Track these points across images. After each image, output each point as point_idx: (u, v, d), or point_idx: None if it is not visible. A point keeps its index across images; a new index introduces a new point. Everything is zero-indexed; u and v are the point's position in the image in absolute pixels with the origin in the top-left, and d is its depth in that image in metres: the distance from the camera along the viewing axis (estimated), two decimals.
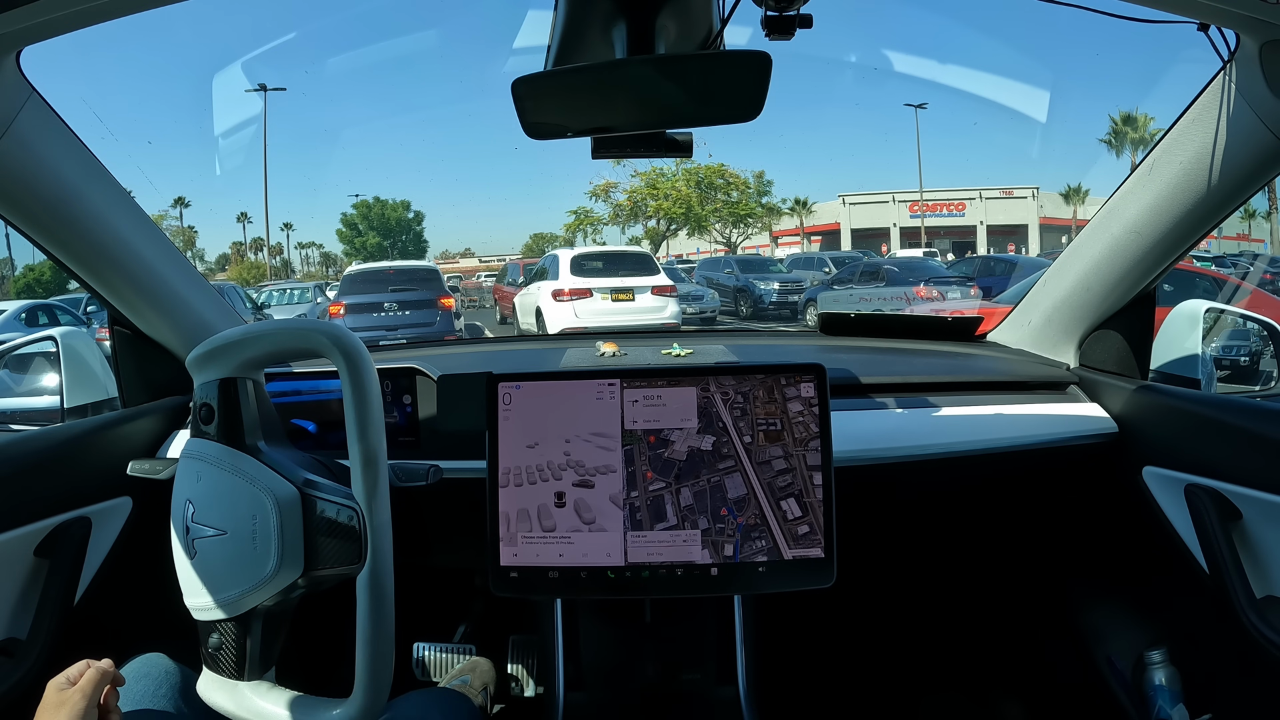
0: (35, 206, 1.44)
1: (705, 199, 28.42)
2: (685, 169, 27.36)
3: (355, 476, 1.06)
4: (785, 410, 1.41)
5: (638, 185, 27.56)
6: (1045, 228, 34.35)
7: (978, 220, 33.93)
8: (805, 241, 34.82)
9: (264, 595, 1.08)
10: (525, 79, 1.19)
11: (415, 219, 37.81)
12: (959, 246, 31.47)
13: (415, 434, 1.75)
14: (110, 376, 1.89)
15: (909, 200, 34.23)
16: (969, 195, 34.25)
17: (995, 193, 34.49)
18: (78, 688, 1.07)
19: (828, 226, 35.47)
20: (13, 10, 1.04)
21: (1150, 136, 32.95)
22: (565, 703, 1.61)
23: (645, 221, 27.85)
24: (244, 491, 1.09)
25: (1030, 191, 34.36)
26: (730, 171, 28.34)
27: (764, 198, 31.57)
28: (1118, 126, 33.06)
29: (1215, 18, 1.23)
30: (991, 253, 27.37)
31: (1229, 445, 1.50)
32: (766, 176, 31.02)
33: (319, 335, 1.09)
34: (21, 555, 1.53)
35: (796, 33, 1.23)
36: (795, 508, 1.38)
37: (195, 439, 1.17)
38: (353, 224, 36.53)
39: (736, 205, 29.24)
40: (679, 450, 1.41)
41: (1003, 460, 1.75)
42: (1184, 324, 1.85)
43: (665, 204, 27.19)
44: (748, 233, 31.75)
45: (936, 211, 34.41)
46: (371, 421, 1.06)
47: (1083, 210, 34.52)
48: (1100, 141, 33.84)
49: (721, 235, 30.84)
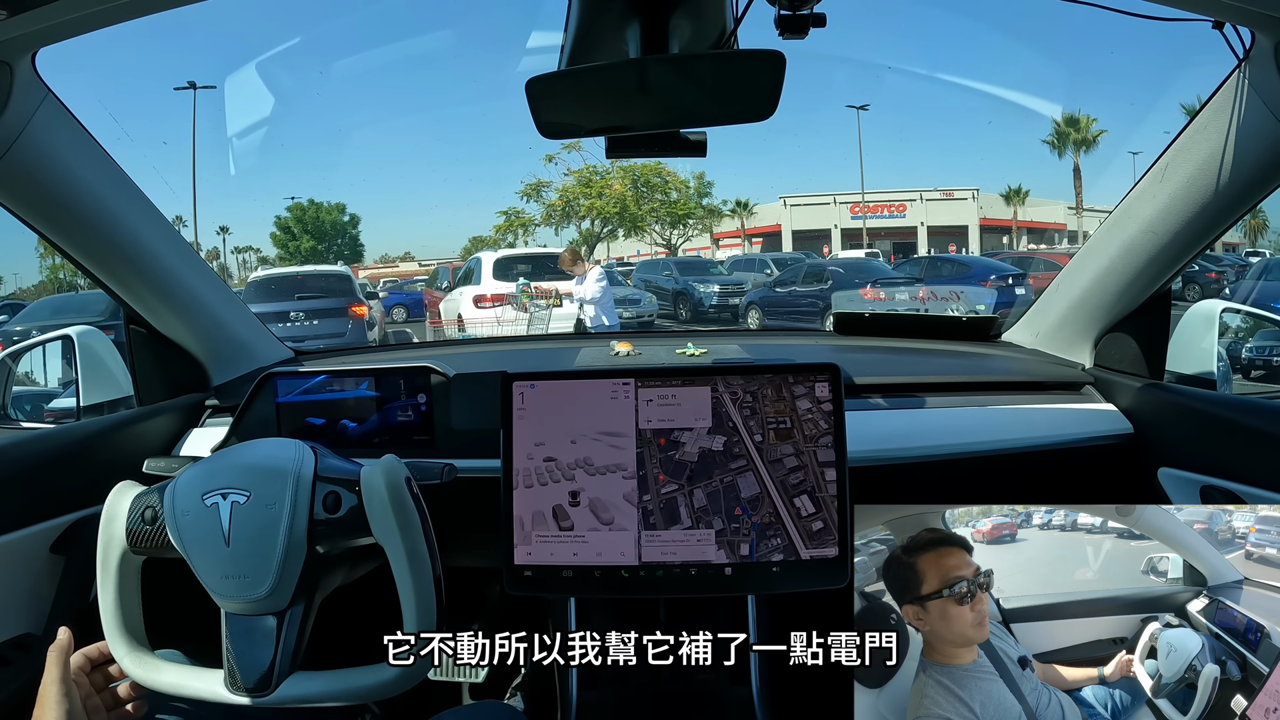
0: (51, 206, 1.45)
1: (642, 199, 27.21)
2: (621, 167, 26.22)
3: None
4: (794, 408, 1.41)
5: (570, 184, 26.30)
6: (985, 228, 34.35)
7: (919, 221, 33.87)
8: (746, 243, 34.57)
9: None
10: (539, 79, 1.19)
11: (351, 222, 36.47)
12: (900, 247, 31.36)
13: (430, 433, 1.75)
14: (126, 375, 1.90)
15: (850, 202, 34.10)
16: (910, 197, 34.21)
17: (936, 194, 34.52)
18: (44, 676, 1.10)
19: (769, 228, 35.23)
20: (28, 12, 1.05)
21: (1093, 138, 33.11)
22: (578, 701, 1.61)
23: (579, 222, 26.62)
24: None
25: (971, 193, 34.38)
26: (668, 170, 26.99)
27: (704, 199, 30.65)
28: (1060, 128, 33.03)
29: (1230, 15, 1.23)
30: (932, 253, 27.11)
31: (1245, 446, 1.49)
32: (707, 178, 30.14)
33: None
34: (37, 552, 1.54)
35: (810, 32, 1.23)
36: (809, 504, 1.38)
37: None
38: (287, 227, 35.21)
39: (675, 205, 27.96)
40: (690, 452, 1.41)
41: (1018, 460, 1.74)
42: (1199, 324, 1.84)
43: (599, 203, 25.92)
44: (688, 234, 30.88)
45: (878, 213, 34.30)
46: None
47: (1023, 211, 34.69)
48: (1043, 143, 33.83)
49: (662, 237, 29.72)
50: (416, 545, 1.19)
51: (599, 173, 25.85)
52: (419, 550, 1.19)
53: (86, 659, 1.18)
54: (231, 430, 1.76)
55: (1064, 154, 33.32)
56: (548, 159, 25.35)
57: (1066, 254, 19.15)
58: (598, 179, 25.97)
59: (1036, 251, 23.55)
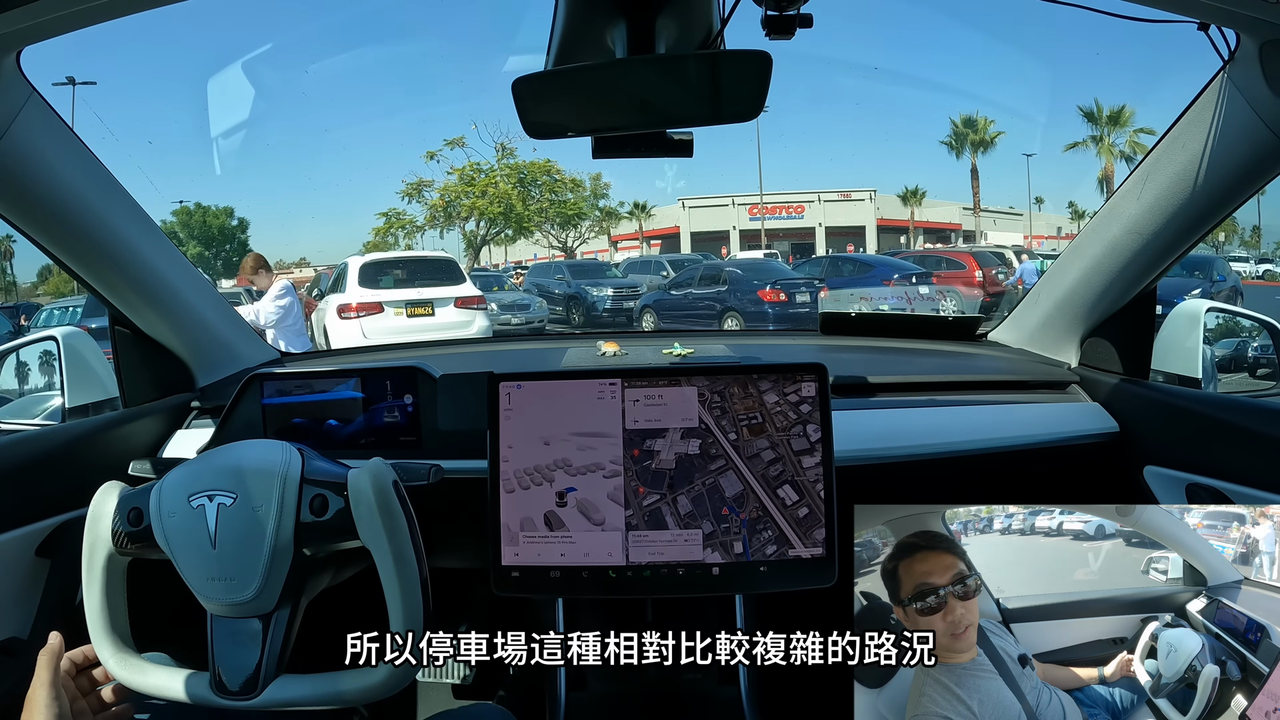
0: (35, 206, 1.44)
1: (529, 198, 25.49)
2: (507, 165, 24.51)
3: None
4: (762, 403, 1.42)
5: (453, 183, 24.41)
6: (883, 229, 34.74)
7: (817, 222, 34.10)
8: (645, 246, 34.60)
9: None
10: (526, 78, 1.19)
11: (239, 226, 34.64)
12: (799, 248, 31.50)
13: (416, 433, 1.75)
14: (112, 376, 1.89)
15: (749, 203, 34.25)
16: (808, 198, 34.46)
17: (834, 195, 34.80)
18: (33, 680, 1.09)
19: (667, 230, 35.33)
20: (13, 10, 1.04)
21: (991, 139, 33.82)
22: (566, 702, 1.61)
23: (463, 223, 24.94)
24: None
25: (868, 194, 34.75)
26: (557, 168, 25.53)
27: (601, 200, 29.77)
28: (958, 129, 33.50)
29: (1215, 17, 1.23)
30: (830, 253, 26.95)
31: (1230, 444, 1.50)
32: (604, 179, 29.16)
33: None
34: (23, 555, 1.53)
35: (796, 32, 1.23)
36: (792, 493, 1.39)
37: None
38: (173, 233, 32.58)
39: (565, 206, 26.41)
40: (666, 459, 1.41)
41: (1004, 459, 1.74)
42: (1184, 323, 1.85)
43: (481, 203, 24.07)
44: (584, 237, 29.83)
45: (776, 214, 34.50)
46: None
47: (920, 212, 35.18)
48: (941, 143, 34.28)
49: (558, 240, 28.50)
50: (403, 549, 1.19)
51: (483, 170, 24.43)
52: (406, 554, 1.19)
53: (71, 662, 1.17)
54: (217, 432, 1.75)
55: (961, 155, 33.85)
56: (429, 156, 24.05)
57: (968, 251, 19.29)
58: (481, 177, 24.43)
59: (935, 250, 23.59)
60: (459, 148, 23.37)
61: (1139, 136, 31.41)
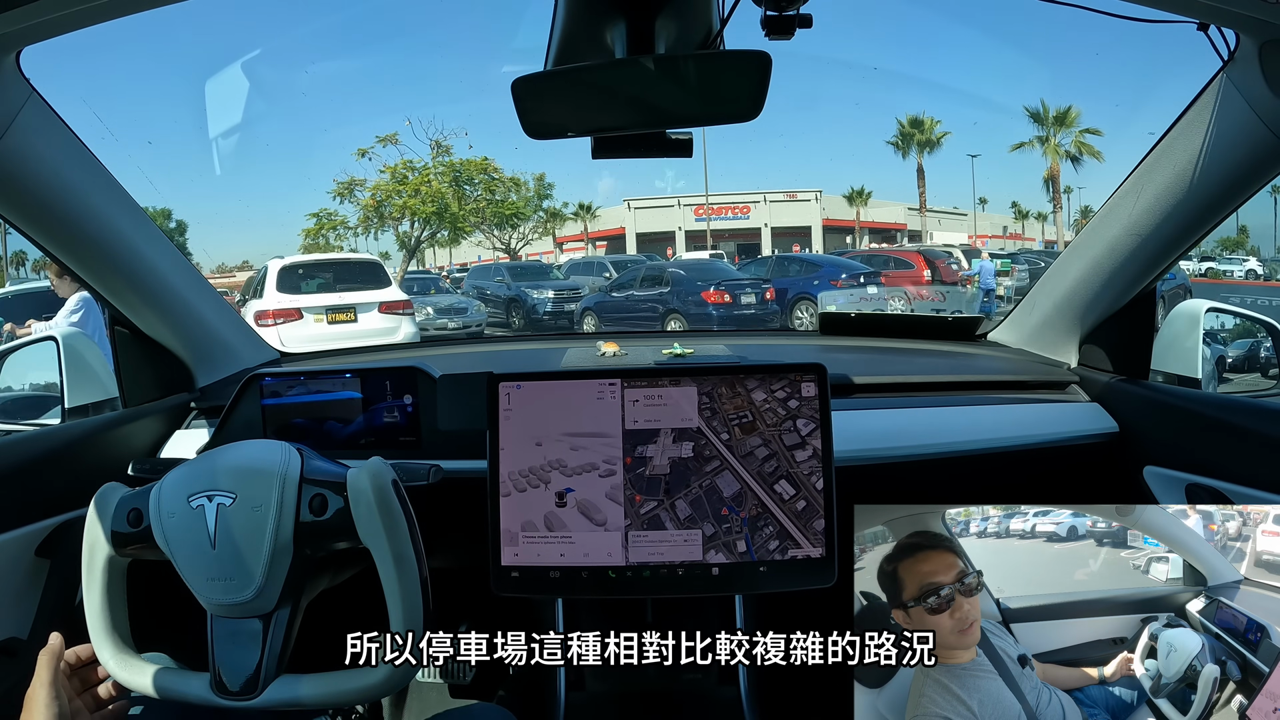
0: (35, 206, 1.44)
1: (464, 197, 23.81)
2: (442, 162, 22.96)
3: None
4: (750, 401, 1.42)
5: (385, 181, 22.56)
6: (828, 229, 34.73)
7: (762, 223, 34.06)
8: (590, 247, 34.47)
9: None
10: (525, 79, 1.19)
11: (178, 229, 32.40)
12: (745, 249, 31.36)
13: (416, 434, 1.75)
14: (111, 376, 1.89)
15: (694, 204, 34.19)
16: (754, 198, 34.51)
17: (780, 196, 34.83)
18: (33, 680, 1.09)
19: (613, 231, 35.27)
20: (13, 10, 1.04)
21: (937, 139, 33.80)
22: (566, 703, 1.61)
23: (396, 224, 23.23)
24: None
25: (814, 194, 34.78)
26: (495, 166, 23.78)
27: (545, 201, 28.73)
28: (904, 129, 33.52)
29: (1215, 17, 1.23)
30: (776, 253, 26.70)
31: (1230, 444, 1.50)
32: (548, 179, 28.21)
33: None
34: (23, 555, 1.53)
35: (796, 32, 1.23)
36: (788, 487, 1.39)
37: None
38: None
39: (501, 205, 24.55)
40: (659, 465, 1.41)
41: (1004, 460, 1.75)
42: (1184, 323, 1.85)
43: (413, 202, 22.29)
44: (528, 238, 28.59)
45: (722, 215, 34.45)
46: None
47: (865, 212, 35.24)
48: (887, 144, 34.35)
49: (501, 241, 27.23)
50: (403, 549, 1.19)
51: (415, 168, 22.76)
52: (405, 553, 1.19)
53: (66, 663, 1.18)
54: (217, 432, 1.75)
55: (907, 155, 34.00)
56: (360, 153, 22.24)
57: (916, 250, 19.14)
58: (414, 175, 22.79)
59: (882, 249, 23.37)
60: (392, 145, 22.05)
61: (1085, 137, 31.79)
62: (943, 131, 33.49)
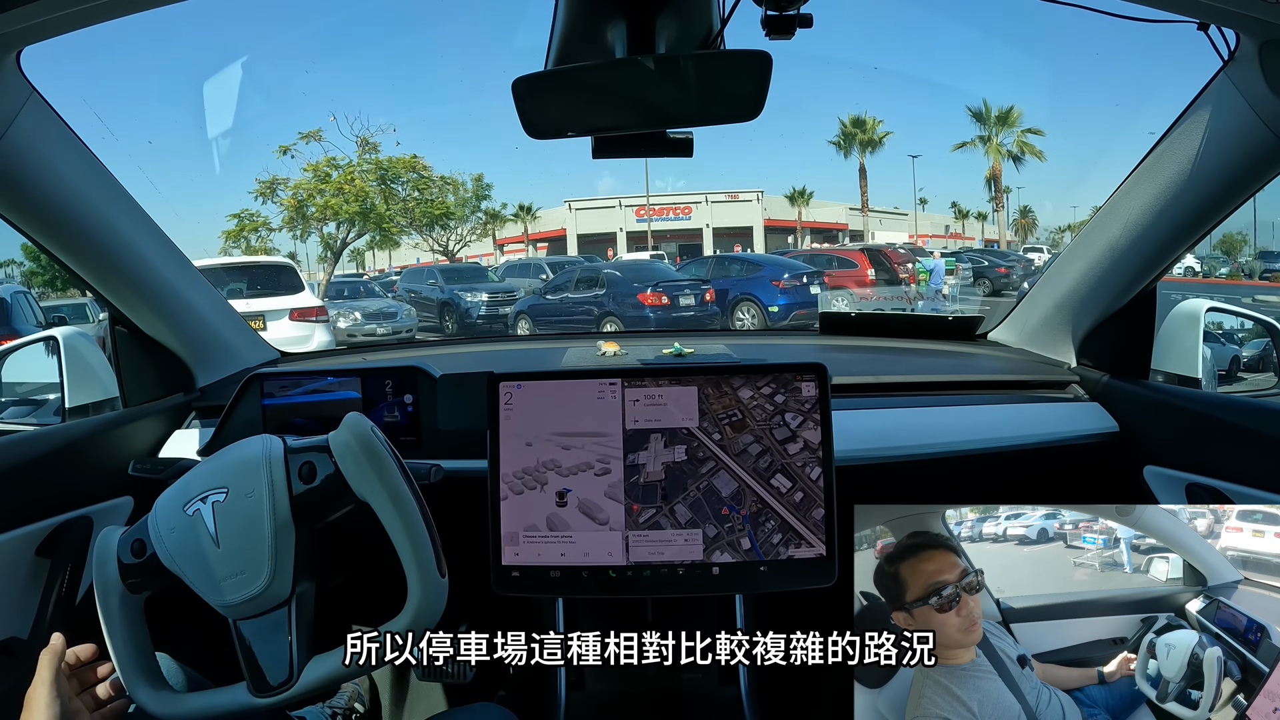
0: (35, 206, 1.45)
1: (392, 196, 22.20)
2: (370, 160, 21.29)
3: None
4: (738, 399, 1.43)
5: (306, 180, 20.62)
6: (770, 229, 34.59)
7: (704, 223, 33.84)
8: (531, 248, 34.12)
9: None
10: (526, 78, 1.19)
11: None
12: (687, 249, 31.09)
13: (417, 433, 1.75)
14: (112, 376, 1.89)
15: (636, 205, 33.96)
16: (695, 199, 34.30)
17: (721, 196, 34.62)
18: (34, 680, 1.09)
19: (554, 233, 34.91)
20: (13, 10, 1.04)
21: (879, 139, 33.63)
22: (566, 702, 1.61)
23: (320, 226, 21.37)
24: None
25: (755, 195, 34.62)
26: (424, 164, 22.24)
27: (483, 202, 27.03)
28: (847, 129, 33.49)
29: (1215, 17, 1.23)
30: (718, 253, 26.26)
31: (1230, 444, 1.51)
32: (486, 179, 26.63)
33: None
34: (24, 555, 1.53)
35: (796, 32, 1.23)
36: (784, 480, 1.40)
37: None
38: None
39: (431, 204, 22.97)
40: (653, 471, 1.41)
41: (1004, 459, 1.75)
42: (1184, 323, 1.85)
43: (335, 201, 20.49)
44: (466, 239, 27.18)
45: (663, 216, 34.19)
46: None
47: (807, 212, 35.06)
48: (829, 143, 34.29)
49: (438, 242, 25.92)
50: (398, 487, 1.17)
51: (339, 166, 20.88)
52: (401, 491, 1.17)
53: (66, 663, 1.17)
54: (217, 432, 1.75)
55: (849, 155, 33.99)
56: (281, 151, 20.43)
57: (860, 249, 18.92)
58: (338, 173, 20.89)
59: (825, 248, 23.24)
60: (315, 141, 20.17)
61: (1027, 136, 31.70)
62: (885, 131, 33.48)
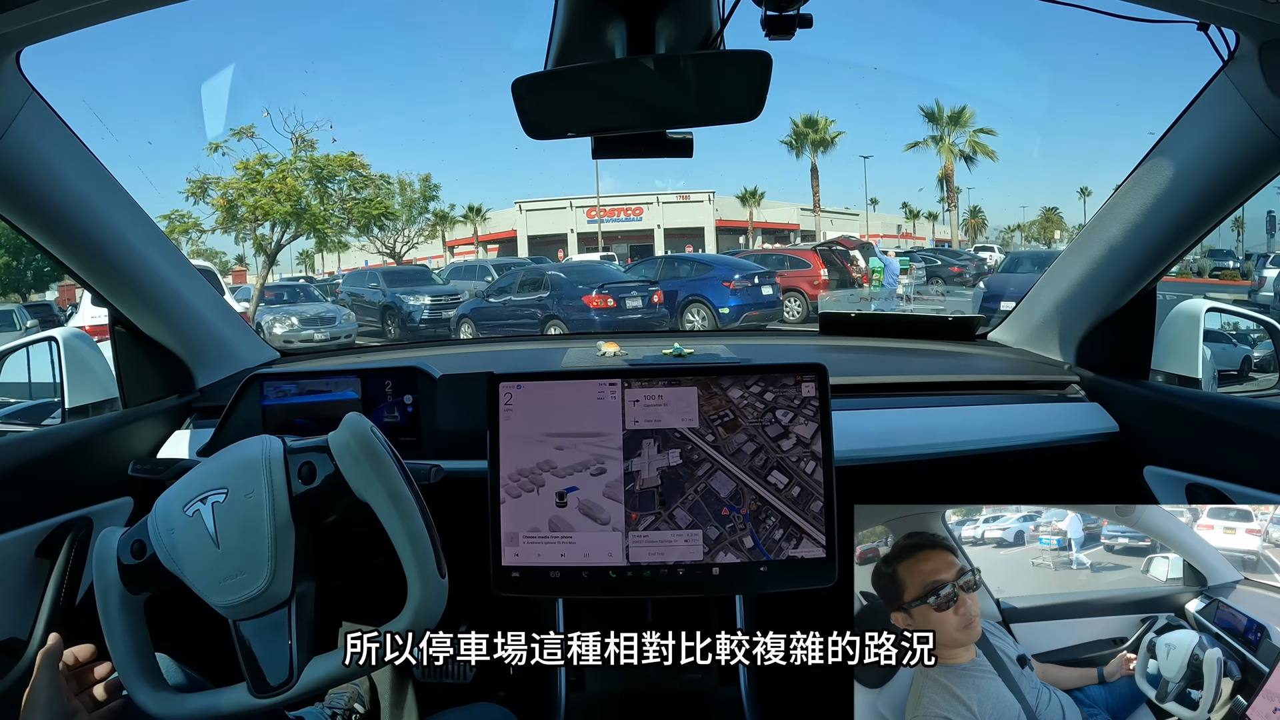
0: (35, 206, 1.45)
1: (327, 195, 20.81)
2: (305, 157, 19.96)
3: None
4: (729, 399, 1.43)
5: (237, 178, 19.38)
6: (722, 229, 34.62)
7: (655, 224, 33.84)
8: (481, 250, 33.83)
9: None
10: (525, 79, 1.19)
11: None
12: (638, 250, 30.88)
13: (416, 434, 1.75)
14: (111, 377, 1.89)
15: (586, 206, 33.84)
16: (647, 200, 34.23)
17: (673, 197, 34.55)
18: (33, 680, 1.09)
19: (504, 234, 34.73)
20: (13, 10, 1.04)
21: (831, 139, 33.57)
22: (566, 703, 1.61)
23: (253, 226, 20.02)
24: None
25: (707, 195, 34.57)
26: (361, 162, 20.85)
27: (430, 202, 26.31)
28: (799, 128, 33.42)
29: (1215, 17, 1.24)
30: (668, 254, 26.03)
31: (1230, 444, 1.50)
32: (434, 179, 26.05)
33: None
34: (23, 555, 1.53)
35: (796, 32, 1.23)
36: (781, 476, 1.40)
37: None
38: None
39: (369, 204, 21.27)
40: (649, 478, 1.41)
41: (1004, 460, 1.74)
42: (1184, 323, 1.85)
43: (265, 201, 19.29)
44: (414, 241, 26.47)
45: (614, 216, 34.03)
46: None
47: (758, 213, 35.04)
48: (781, 143, 34.22)
49: (385, 244, 25.17)
50: (397, 486, 1.17)
51: (271, 164, 19.67)
52: (400, 490, 1.17)
53: (65, 663, 1.18)
54: (217, 432, 1.75)
55: (801, 154, 33.93)
56: (212, 148, 19.12)
57: (812, 249, 18.54)
58: (270, 172, 19.67)
59: (777, 249, 22.77)
60: (248, 138, 18.96)
61: (979, 136, 31.68)
62: (837, 131, 33.48)
